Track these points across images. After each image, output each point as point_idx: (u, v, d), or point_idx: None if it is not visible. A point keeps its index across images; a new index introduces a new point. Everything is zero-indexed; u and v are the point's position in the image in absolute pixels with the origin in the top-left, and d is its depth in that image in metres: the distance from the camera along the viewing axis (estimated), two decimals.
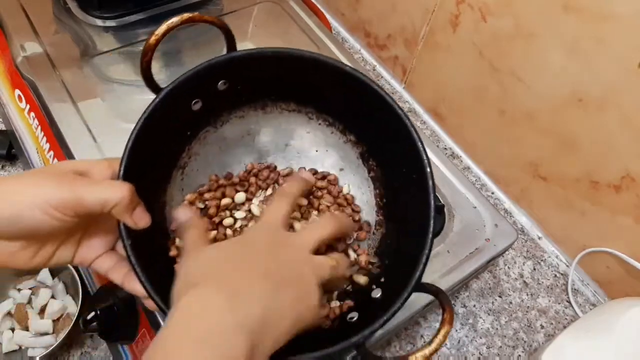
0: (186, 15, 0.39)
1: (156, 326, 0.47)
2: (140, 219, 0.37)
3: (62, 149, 0.56)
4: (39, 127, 0.59)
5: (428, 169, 0.40)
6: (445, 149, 0.81)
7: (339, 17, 0.94)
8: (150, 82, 0.41)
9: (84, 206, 0.33)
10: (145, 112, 0.40)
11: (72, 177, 0.34)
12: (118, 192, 0.34)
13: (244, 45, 0.71)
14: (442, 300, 0.35)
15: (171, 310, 0.31)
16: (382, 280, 0.42)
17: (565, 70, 0.58)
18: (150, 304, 0.36)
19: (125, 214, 0.35)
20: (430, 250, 0.38)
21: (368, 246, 0.47)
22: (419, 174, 0.41)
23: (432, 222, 0.39)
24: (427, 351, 0.32)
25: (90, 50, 0.66)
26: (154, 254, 0.40)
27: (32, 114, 0.60)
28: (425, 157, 0.40)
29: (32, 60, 0.63)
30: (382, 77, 0.88)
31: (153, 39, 0.39)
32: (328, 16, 0.92)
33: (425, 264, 0.37)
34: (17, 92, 0.62)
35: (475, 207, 0.59)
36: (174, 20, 0.39)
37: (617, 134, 0.56)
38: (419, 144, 0.41)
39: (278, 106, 0.50)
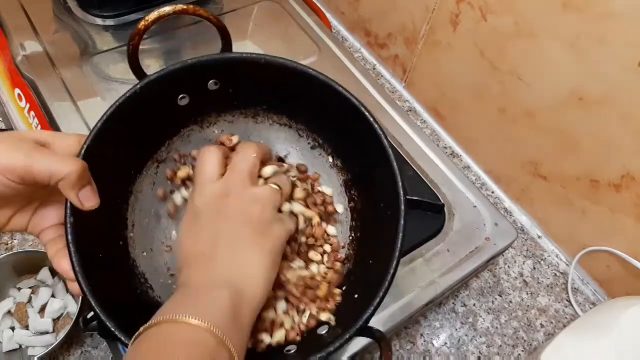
0: (179, 6, 0.39)
1: None
2: (87, 200, 0.35)
3: None
4: (39, 126, 0.59)
5: (402, 207, 0.39)
6: (445, 147, 0.80)
7: (339, 15, 0.94)
8: (136, 68, 0.40)
9: (30, 174, 0.33)
10: (122, 96, 0.38)
11: (29, 145, 0.34)
12: (67, 166, 0.33)
13: (243, 44, 0.71)
14: (383, 346, 0.35)
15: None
16: (333, 316, 0.41)
17: (566, 68, 0.58)
18: (74, 287, 0.36)
19: (71, 190, 0.34)
20: (383, 298, 0.37)
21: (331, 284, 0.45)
22: (394, 213, 0.40)
23: (392, 270, 0.38)
24: None
25: (90, 49, 0.66)
26: (99, 242, 0.39)
27: (32, 113, 0.60)
28: (402, 199, 0.40)
29: (32, 59, 0.63)
30: (382, 76, 0.88)
31: (142, 24, 0.38)
32: (328, 15, 0.92)
33: (374, 311, 0.37)
34: (17, 91, 0.62)
35: (475, 206, 0.59)
36: (167, 9, 0.38)
37: (618, 133, 0.56)
38: (400, 185, 0.40)
39: (269, 117, 0.48)
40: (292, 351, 0.39)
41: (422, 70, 0.81)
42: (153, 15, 0.39)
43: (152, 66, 0.66)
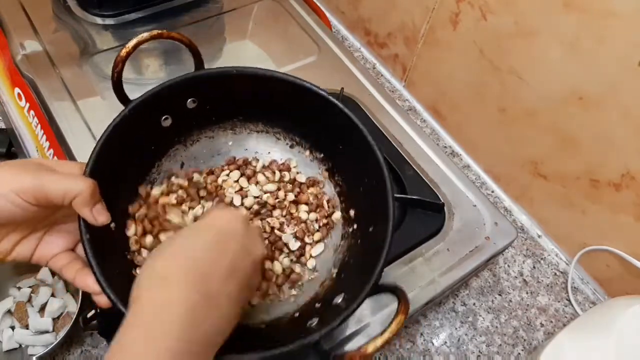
0: (155, 31, 0.42)
1: None
2: (100, 215, 0.37)
3: (61, 147, 0.56)
4: (39, 126, 0.59)
5: (385, 174, 0.42)
6: (445, 147, 0.80)
7: (339, 15, 0.94)
8: (119, 93, 0.43)
9: (45, 193, 0.34)
10: (114, 120, 0.41)
11: (39, 168, 0.35)
12: (80, 184, 0.35)
13: (243, 43, 0.71)
14: (399, 294, 0.36)
15: (132, 301, 0.32)
16: (343, 290, 0.43)
17: (566, 68, 0.58)
18: (102, 299, 0.37)
19: (85, 207, 0.36)
20: (385, 261, 0.38)
21: (334, 259, 0.48)
22: (380, 183, 0.42)
23: (389, 234, 0.39)
24: (379, 341, 0.32)
25: (89, 48, 0.66)
26: (112, 260, 0.40)
27: (32, 112, 0.60)
28: (385, 169, 0.42)
29: (31, 58, 0.63)
30: (382, 75, 0.88)
31: (124, 51, 0.41)
32: (328, 14, 0.92)
33: (381, 271, 0.38)
34: (17, 90, 0.62)
35: (475, 206, 0.59)
36: (144, 35, 0.42)
37: (617, 132, 0.56)
38: (378, 153, 0.42)
39: (247, 127, 0.52)
40: (314, 324, 0.40)
41: (422, 70, 0.81)
42: (132, 42, 0.41)
43: (152, 65, 0.66)
